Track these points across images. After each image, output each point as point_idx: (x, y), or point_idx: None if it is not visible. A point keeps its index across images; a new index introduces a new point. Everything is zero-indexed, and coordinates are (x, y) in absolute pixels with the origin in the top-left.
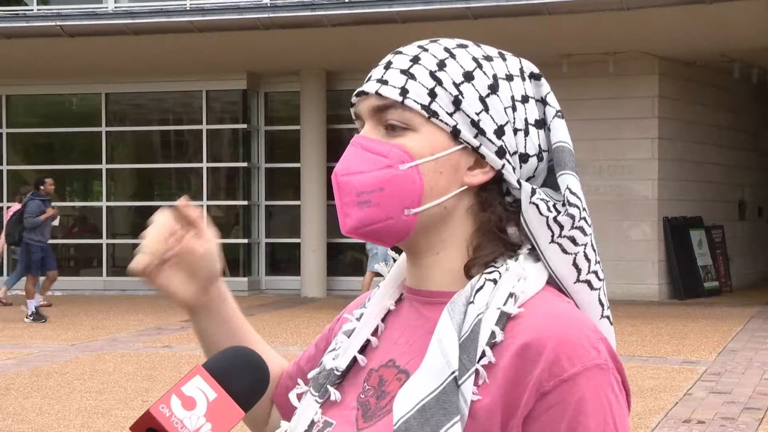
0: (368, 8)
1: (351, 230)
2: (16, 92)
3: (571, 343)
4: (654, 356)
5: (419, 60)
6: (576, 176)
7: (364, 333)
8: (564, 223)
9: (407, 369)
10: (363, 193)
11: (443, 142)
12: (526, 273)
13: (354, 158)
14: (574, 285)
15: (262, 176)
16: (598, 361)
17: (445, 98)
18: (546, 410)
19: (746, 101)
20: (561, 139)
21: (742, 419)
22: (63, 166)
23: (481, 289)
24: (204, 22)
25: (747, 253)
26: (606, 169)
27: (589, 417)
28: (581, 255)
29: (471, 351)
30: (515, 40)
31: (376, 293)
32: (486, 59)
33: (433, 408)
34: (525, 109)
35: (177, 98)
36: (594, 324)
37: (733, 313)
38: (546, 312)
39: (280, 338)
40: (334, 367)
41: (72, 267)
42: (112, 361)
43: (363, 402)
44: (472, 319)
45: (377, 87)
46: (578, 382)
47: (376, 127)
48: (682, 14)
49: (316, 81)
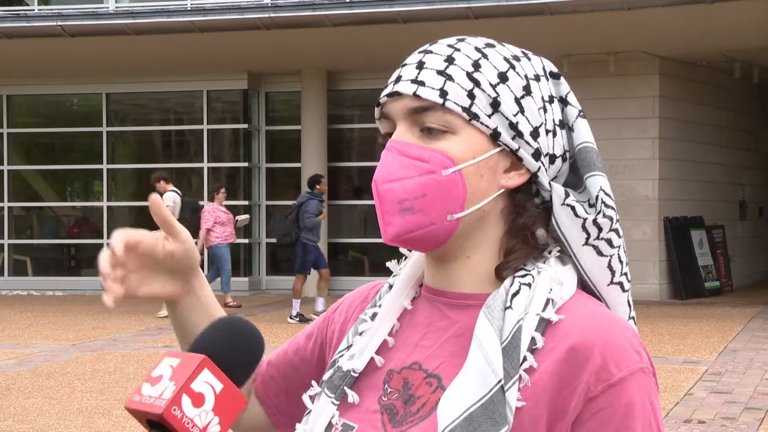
0: (369, 8)
1: (393, 238)
2: (17, 92)
3: (617, 347)
4: (655, 356)
5: (454, 60)
6: (605, 177)
7: (381, 333)
8: (603, 225)
9: (437, 373)
10: (405, 201)
11: (483, 145)
12: (560, 276)
13: (393, 164)
14: (608, 287)
15: (262, 176)
16: (642, 365)
17: (483, 100)
18: (593, 415)
19: (747, 101)
20: (586, 140)
21: (742, 419)
22: (64, 166)
23: (518, 294)
24: (205, 22)
25: (748, 252)
26: (606, 168)
27: (636, 421)
28: (616, 257)
29: (514, 357)
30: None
31: (389, 292)
32: (515, 59)
33: (480, 417)
34: (552, 109)
35: (178, 98)
36: (632, 327)
37: (733, 312)
38: (587, 314)
39: (281, 338)
40: (352, 369)
41: (72, 267)
42: (113, 361)
43: (387, 405)
44: (512, 325)
45: (414, 88)
46: (625, 387)
47: (411, 129)
48: (682, 14)
49: (317, 81)
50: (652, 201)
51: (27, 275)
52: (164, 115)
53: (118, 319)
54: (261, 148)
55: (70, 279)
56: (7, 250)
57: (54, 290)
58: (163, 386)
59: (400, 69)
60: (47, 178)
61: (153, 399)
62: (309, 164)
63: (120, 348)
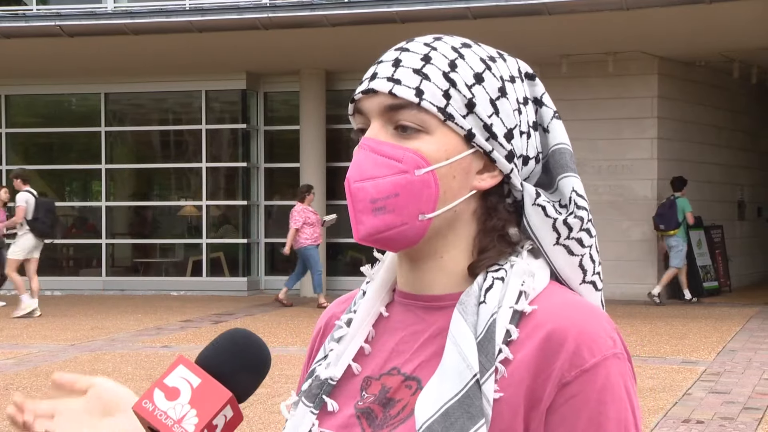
0: (368, 8)
1: (364, 237)
2: (15, 92)
3: (590, 333)
4: (653, 356)
5: (431, 59)
6: (579, 178)
7: (357, 340)
8: (573, 225)
9: (416, 376)
10: (378, 200)
11: (457, 146)
12: (532, 269)
13: (366, 163)
14: (580, 286)
15: (261, 176)
16: (616, 351)
17: (459, 101)
18: (567, 400)
19: (746, 101)
20: (561, 141)
21: (741, 419)
22: (62, 166)
23: (491, 288)
24: (203, 22)
25: (746, 253)
26: (606, 169)
27: (610, 405)
28: (587, 257)
29: (489, 351)
30: (515, 40)
31: (363, 298)
32: (491, 60)
33: (456, 412)
34: (526, 111)
35: (176, 98)
36: (606, 314)
37: (732, 313)
38: (560, 303)
39: (280, 338)
40: (329, 377)
41: (71, 267)
42: (112, 361)
43: (364, 409)
44: (486, 319)
45: (390, 86)
46: (599, 372)
47: (385, 127)
48: (681, 14)
49: (316, 81)
50: (651, 201)
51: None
52: (163, 115)
53: (116, 319)
54: (259, 148)
55: (69, 279)
56: None
57: (52, 290)
58: (182, 409)
59: (376, 66)
60: (46, 178)
61: (170, 422)
62: (308, 164)
63: (118, 348)
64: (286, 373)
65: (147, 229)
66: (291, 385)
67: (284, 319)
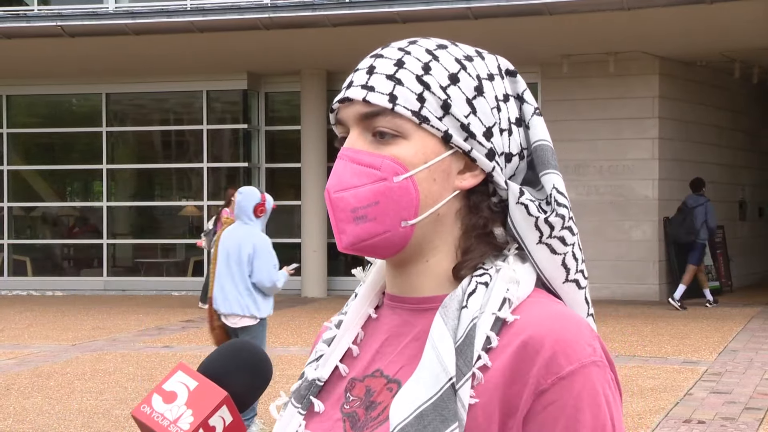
0: (369, 8)
1: (347, 246)
2: (16, 92)
3: (568, 341)
4: (654, 356)
5: (404, 64)
6: (560, 175)
7: (345, 342)
8: (554, 224)
9: (398, 378)
10: (358, 209)
11: (435, 148)
12: (518, 276)
13: (345, 172)
14: (563, 285)
15: (262, 176)
16: (594, 358)
17: (434, 103)
18: (544, 408)
19: (746, 101)
20: (541, 138)
21: (742, 419)
22: (63, 167)
23: (474, 293)
24: (204, 22)
25: (747, 253)
26: (606, 169)
27: (586, 413)
28: (570, 255)
29: (467, 356)
30: (516, 40)
31: (354, 300)
32: (467, 59)
33: (430, 415)
34: (507, 108)
35: (177, 98)
36: (588, 323)
37: (733, 313)
38: (541, 312)
39: (281, 338)
40: (317, 378)
41: (72, 267)
42: (113, 361)
43: (349, 413)
44: (467, 324)
45: (363, 93)
46: (576, 380)
47: (363, 134)
48: (682, 14)
49: (317, 81)
50: (652, 201)
51: (27, 275)
52: (164, 115)
53: (117, 319)
54: (261, 148)
55: (70, 279)
56: (7, 250)
57: (54, 290)
58: (178, 410)
59: (353, 74)
60: (47, 179)
61: (167, 422)
62: (309, 164)
63: (120, 348)
64: (287, 374)
65: (148, 229)
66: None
67: (285, 320)
